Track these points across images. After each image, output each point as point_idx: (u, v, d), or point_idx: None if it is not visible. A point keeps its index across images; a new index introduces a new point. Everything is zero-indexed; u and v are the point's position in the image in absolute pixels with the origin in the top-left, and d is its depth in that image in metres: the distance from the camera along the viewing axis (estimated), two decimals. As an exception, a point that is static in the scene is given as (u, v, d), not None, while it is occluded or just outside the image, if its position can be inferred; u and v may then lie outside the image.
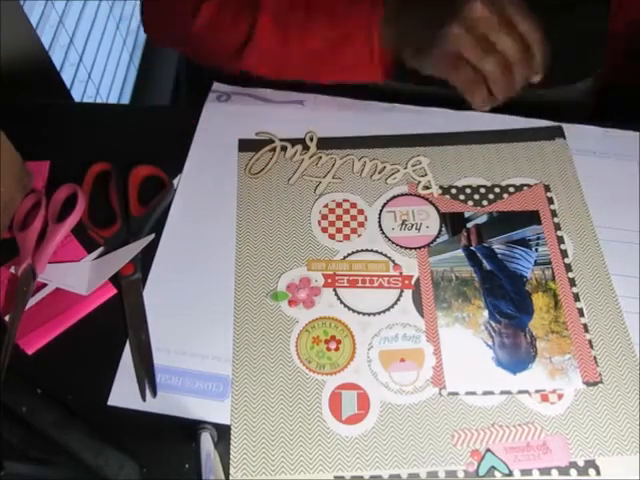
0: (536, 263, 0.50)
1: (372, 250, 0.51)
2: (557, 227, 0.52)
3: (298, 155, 0.56)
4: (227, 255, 0.50)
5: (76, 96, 1.11)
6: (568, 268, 0.50)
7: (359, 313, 0.48)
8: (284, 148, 0.56)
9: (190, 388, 0.44)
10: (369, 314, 0.48)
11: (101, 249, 0.50)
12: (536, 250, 0.51)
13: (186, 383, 0.45)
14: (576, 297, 0.48)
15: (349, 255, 0.50)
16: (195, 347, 0.46)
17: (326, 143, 0.57)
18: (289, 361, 0.46)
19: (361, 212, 0.53)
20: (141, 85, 1.39)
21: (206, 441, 0.40)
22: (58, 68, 0.99)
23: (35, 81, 0.85)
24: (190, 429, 0.42)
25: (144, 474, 0.41)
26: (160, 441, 0.43)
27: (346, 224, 0.52)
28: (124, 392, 0.44)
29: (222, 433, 0.43)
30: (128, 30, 1.36)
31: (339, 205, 0.53)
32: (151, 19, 0.61)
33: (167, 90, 1.26)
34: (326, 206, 0.53)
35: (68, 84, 1.05)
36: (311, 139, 0.57)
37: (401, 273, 0.49)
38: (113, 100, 1.28)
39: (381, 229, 0.52)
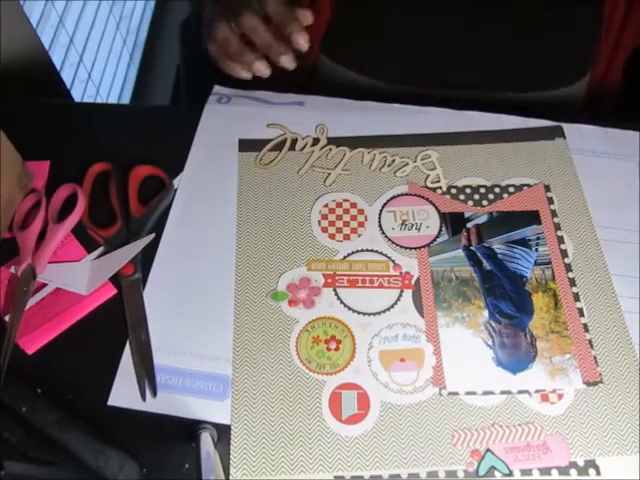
0: (536, 263, 0.50)
1: (372, 250, 0.51)
2: (557, 227, 0.52)
3: (308, 147, 0.56)
4: (227, 255, 0.50)
5: (76, 96, 1.11)
6: (568, 268, 0.50)
7: (359, 313, 0.48)
8: (294, 140, 0.57)
9: (190, 388, 0.44)
10: (369, 314, 0.48)
11: (101, 249, 0.50)
12: (536, 250, 0.51)
13: (186, 383, 0.45)
14: (576, 297, 0.48)
15: (349, 255, 0.50)
16: (195, 347, 0.46)
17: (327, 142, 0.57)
18: (289, 361, 0.46)
19: (361, 212, 0.53)
20: (141, 85, 1.39)
21: (206, 441, 0.40)
22: (58, 68, 0.99)
23: (35, 81, 0.85)
24: (190, 429, 0.42)
25: (144, 474, 0.41)
26: (160, 441, 0.43)
27: (346, 224, 0.52)
28: (124, 392, 0.44)
29: (222, 433, 0.43)
30: (128, 29, 1.36)
31: (339, 205, 0.53)
32: None
33: (167, 90, 1.26)
34: (326, 206, 0.53)
35: (68, 84, 1.05)
36: (322, 132, 0.57)
37: (401, 273, 0.49)
38: (113, 100, 1.28)
39: (381, 229, 0.52)
